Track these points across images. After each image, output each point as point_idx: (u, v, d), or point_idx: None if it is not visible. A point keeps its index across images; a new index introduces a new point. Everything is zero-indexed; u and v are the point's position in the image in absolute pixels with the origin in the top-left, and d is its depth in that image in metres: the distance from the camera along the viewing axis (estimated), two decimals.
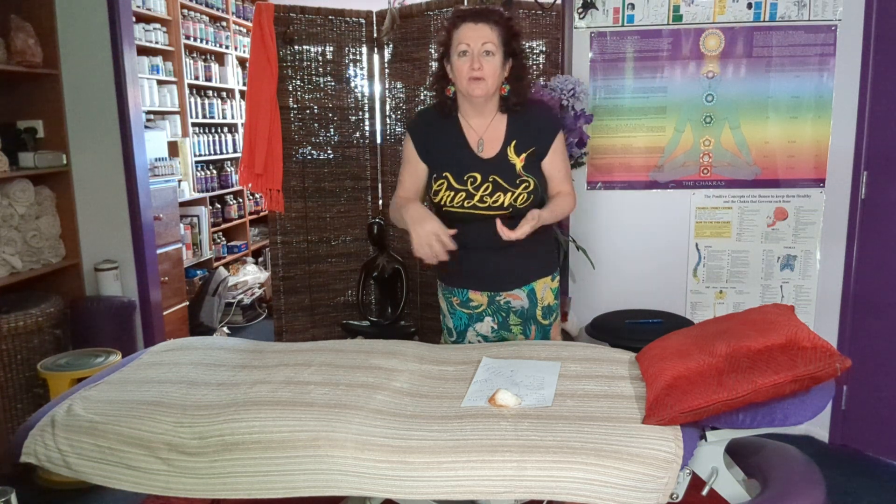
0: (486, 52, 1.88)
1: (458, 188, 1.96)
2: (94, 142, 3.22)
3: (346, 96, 3.47)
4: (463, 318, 2.13)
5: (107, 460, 1.54)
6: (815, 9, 2.77)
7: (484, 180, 1.95)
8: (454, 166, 1.97)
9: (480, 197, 1.96)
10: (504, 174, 1.96)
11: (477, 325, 2.12)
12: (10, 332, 2.75)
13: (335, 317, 3.59)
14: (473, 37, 1.88)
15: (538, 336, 2.14)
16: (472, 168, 1.96)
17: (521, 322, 2.11)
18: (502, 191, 1.95)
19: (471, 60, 1.88)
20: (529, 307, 2.10)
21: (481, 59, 1.87)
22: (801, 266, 2.95)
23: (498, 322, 2.11)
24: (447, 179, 1.97)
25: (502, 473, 1.40)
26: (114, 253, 3.31)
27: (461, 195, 1.96)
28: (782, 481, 1.64)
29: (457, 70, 1.92)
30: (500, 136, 1.99)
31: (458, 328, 2.14)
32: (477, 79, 1.89)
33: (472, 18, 1.89)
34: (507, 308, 2.10)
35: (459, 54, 1.90)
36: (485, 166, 1.97)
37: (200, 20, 5.25)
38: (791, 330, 1.53)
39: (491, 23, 1.89)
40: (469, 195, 1.96)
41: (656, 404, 1.51)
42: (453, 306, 2.14)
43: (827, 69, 2.80)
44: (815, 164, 2.88)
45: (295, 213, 3.44)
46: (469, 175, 1.96)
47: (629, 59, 2.90)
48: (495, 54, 1.89)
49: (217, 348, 2.02)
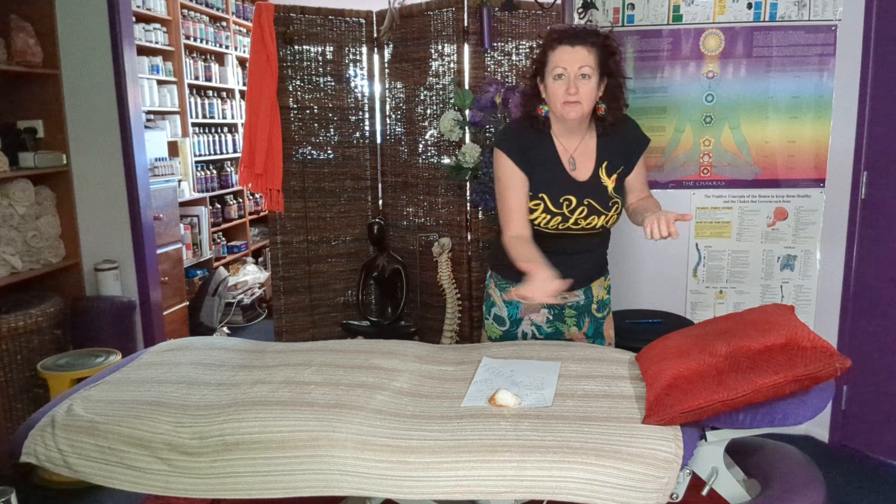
0: (583, 76, 1.83)
1: (555, 212, 1.94)
2: (94, 142, 3.22)
3: (346, 96, 3.47)
4: (519, 307, 2.11)
5: (107, 460, 1.54)
6: (815, 9, 2.77)
7: (579, 203, 1.94)
8: (550, 187, 1.94)
9: (575, 220, 1.95)
10: (598, 197, 1.95)
11: (533, 314, 2.11)
12: (10, 332, 2.75)
13: (335, 317, 3.58)
14: (570, 60, 1.83)
15: (591, 328, 2.14)
16: (568, 191, 1.94)
17: (575, 314, 2.11)
18: (597, 214, 1.96)
19: (567, 84, 1.83)
20: (585, 302, 2.12)
21: (577, 83, 1.83)
22: (801, 266, 2.95)
23: (553, 314, 2.11)
24: (543, 201, 1.94)
25: (502, 473, 1.40)
26: (114, 253, 3.31)
27: (557, 219, 1.95)
28: (782, 481, 1.64)
29: (551, 92, 1.88)
30: (591, 155, 1.98)
31: (513, 317, 2.12)
32: (572, 102, 1.86)
33: (569, 41, 1.84)
34: (564, 302, 2.10)
35: (555, 77, 1.85)
36: (579, 189, 1.95)
37: (200, 20, 5.25)
38: (791, 330, 1.53)
39: (588, 45, 1.84)
40: (565, 218, 1.95)
41: (656, 404, 1.51)
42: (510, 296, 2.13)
43: (827, 69, 2.80)
44: (815, 164, 2.88)
45: (295, 213, 3.44)
46: (565, 198, 1.94)
47: (629, 59, 2.90)
48: (591, 77, 1.84)
49: (217, 348, 2.02)
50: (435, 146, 3.28)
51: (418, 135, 3.33)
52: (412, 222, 3.45)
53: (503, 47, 3.15)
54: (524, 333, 2.12)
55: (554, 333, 2.12)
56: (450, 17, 3.13)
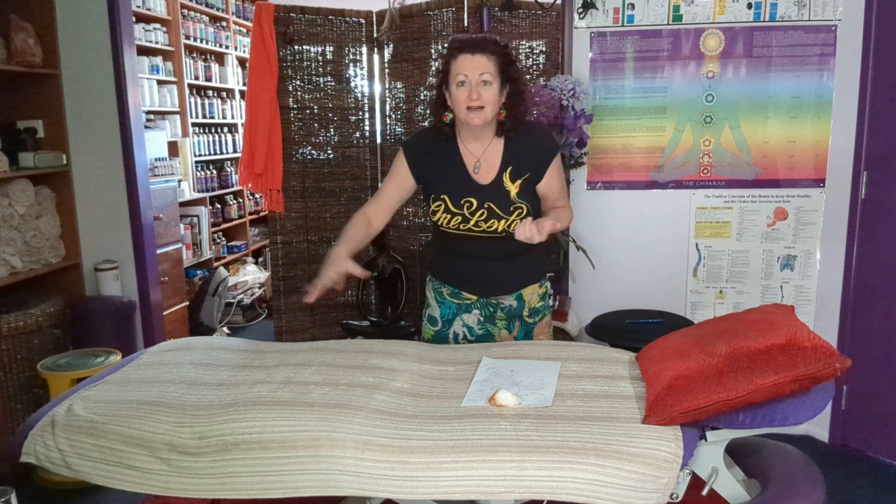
0: (484, 82, 1.91)
1: (455, 212, 2.02)
2: (94, 142, 3.22)
3: (346, 96, 3.47)
4: (452, 308, 2.17)
5: (107, 460, 1.54)
6: (815, 9, 2.77)
7: (479, 206, 2.01)
8: (451, 190, 2.02)
9: (475, 222, 2.02)
10: (499, 201, 2.01)
11: (464, 315, 2.16)
12: (10, 332, 2.75)
13: (335, 317, 3.58)
14: (471, 67, 1.91)
15: (521, 332, 2.19)
16: (468, 193, 2.02)
17: (506, 318, 2.17)
18: (496, 217, 2.01)
19: (469, 90, 1.91)
20: (517, 307, 2.16)
21: (479, 89, 1.91)
22: (801, 266, 2.95)
23: (485, 316, 2.16)
24: (444, 202, 2.03)
25: (502, 473, 1.40)
26: (114, 253, 3.31)
27: (457, 218, 2.03)
28: (782, 481, 1.64)
29: (455, 99, 1.95)
30: (497, 161, 2.03)
31: (446, 317, 2.18)
32: (475, 108, 1.92)
33: (469, 49, 1.92)
34: (496, 305, 2.15)
35: (458, 84, 1.93)
36: (480, 192, 2.01)
37: (200, 20, 5.25)
38: (791, 330, 1.53)
39: (487, 52, 1.92)
40: (465, 219, 2.02)
41: (656, 404, 1.51)
42: (442, 296, 2.18)
43: (827, 69, 2.80)
44: (815, 164, 2.88)
45: (295, 213, 3.44)
46: (465, 200, 2.01)
47: (629, 59, 2.90)
48: (492, 83, 1.92)
49: (217, 348, 2.02)
50: None
51: None
52: (412, 222, 3.45)
53: None
54: (455, 334, 2.18)
55: (485, 335, 2.17)
56: (450, 17, 3.13)
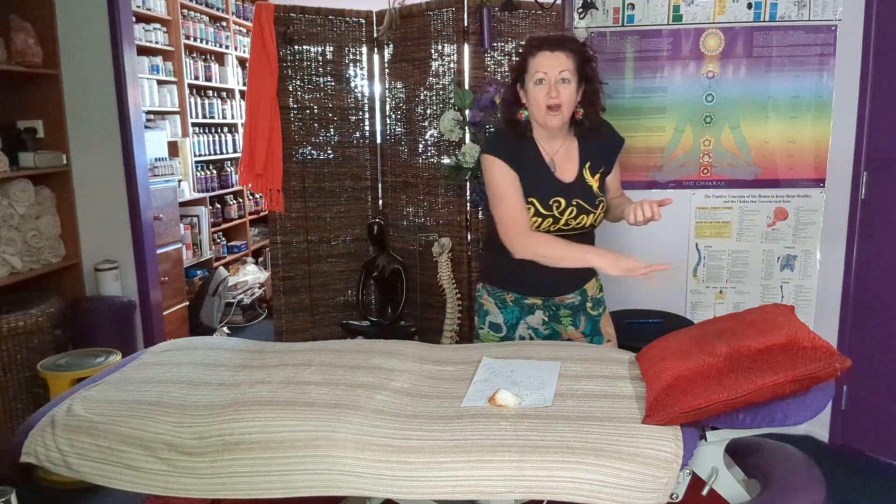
0: (563, 80, 1.90)
1: (545, 214, 1.99)
2: (94, 142, 3.22)
3: (346, 96, 3.47)
4: (515, 312, 2.14)
5: (107, 460, 1.54)
6: (815, 9, 2.77)
7: (568, 204, 1.99)
8: (539, 191, 1.99)
9: (566, 220, 2.00)
10: (585, 197, 2.01)
11: (528, 317, 2.14)
12: (10, 332, 2.75)
13: (335, 317, 3.58)
14: (550, 65, 1.89)
15: (588, 327, 2.16)
16: (556, 193, 1.99)
17: (571, 314, 2.14)
18: (585, 213, 2.01)
19: (548, 88, 1.90)
20: (580, 302, 2.14)
21: (558, 87, 1.90)
22: (801, 266, 2.95)
23: (549, 315, 2.14)
24: (534, 205, 1.99)
25: (502, 473, 1.40)
26: (114, 253, 3.31)
27: (548, 220, 2.00)
28: (782, 481, 1.64)
29: (532, 97, 1.94)
30: (574, 158, 2.03)
31: (509, 322, 2.15)
32: (554, 107, 1.91)
33: (549, 47, 1.91)
34: (559, 304, 2.13)
35: (536, 82, 1.91)
36: (567, 190, 2.00)
37: (200, 20, 5.25)
38: (791, 330, 1.53)
39: (567, 50, 1.91)
40: (555, 220, 2.00)
41: (656, 404, 1.51)
42: (505, 302, 2.14)
43: (827, 69, 2.80)
44: (815, 164, 2.88)
45: (295, 213, 3.44)
46: (554, 200, 1.99)
47: (629, 59, 2.90)
48: (571, 81, 1.91)
49: (217, 348, 2.02)
50: (435, 146, 3.28)
51: (418, 135, 3.33)
52: (412, 222, 3.45)
53: (503, 47, 3.15)
54: (521, 337, 2.15)
55: (551, 335, 2.14)
56: (450, 17, 3.13)
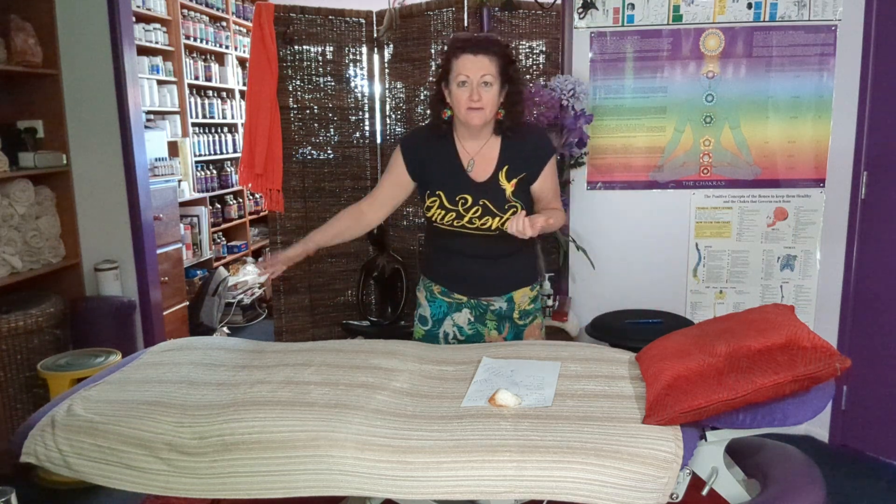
0: (485, 83, 1.92)
1: (450, 208, 2.02)
2: (94, 142, 3.22)
3: (346, 96, 3.47)
4: (443, 307, 2.17)
5: (107, 460, 1.54)
6: (815, 9, 2.77)
7: (474, 203, 2.01)
8: (447, 186, 2.03)
9: (470, 218, 2.02)
10: (494, 199, 2.02)
11: (455, 314, 2.16)
12: (10, 332, 2.75)
13: (335, 317, 3.59)
14: (472, 68, 1.90)
15: (511, 333, 2.19)
16: (464, 190, 2.02)
17: (496, 319, 2.17)
18: (491, 215, 2.02)
19: (470, 91, 1.91)
20: (507, 309, 2.16)
21: (480, 90, 1.91)
22: (801, 266, 2.95)
23: (475, 316, 2.16)
24: (440, 198, 2.03)
25: (502, 473, 1.40)
26: (114, 253, 3.31)
27: (451, 214, 2.03)
28: (782, 481, 1.64)
29: (455, 98, 1.96)
30: (493, 159, 2.04)
31: (436, 316, 2.18)
32: (475, 108, 1.93)
33: (471, 49, 1.92)
34: (486, 306, 2.15)
35: (458, 84, 1.93)
36: (476, 189, 2.02)
37: (200, 20, 5.25)
38: (791, 330, 1.53)
39: (490, 53, 1.92)
40: (459, 215, 2.03)
41: (656, 404, 1.51)
42: (433, 294, 2.18)
43: (827, 69, 2.80)
44: (815, 164, 2.88)
45: (295, 213, 3.44)
46: (460, 196, 2.02)
47: (629, 59, 2.90)
48: (493, 84, 1.93)
49: (217, 348, 2.02)
50: None
51: None
52: (412, 222, 3.45)
53: None
54: (445, 333, 2.18)
55: (475, 335, 2.17)
56: (450, 17, 3.13)
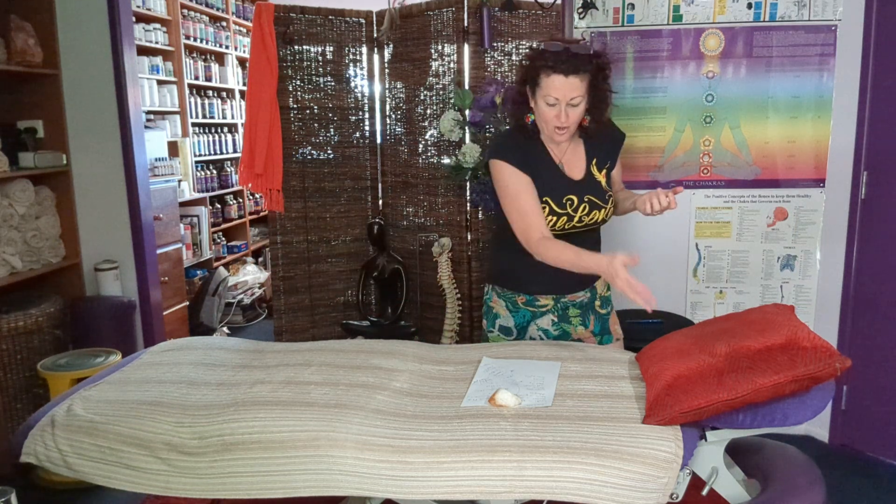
0: (573, 105, 1.88)
1: (560, 213, 2.00)
2: (94, 142, 3.22)
3: (346, 96, 3.47)
4: (527, 316, 2.13)
5: (107, 460, 1.54)
6: (815, 9, 2.77)
7: (580, 201, 2.00)
8: (552, 191, 1.99)
9: (579, 217, 2.01)
10: (596, 193, 2.03)
11: (538, 320, 2.13)
12: (10, 332, 2.75)
13: (335, 317, 3.58)
14: (563, 89, 1.85)
15: (597, 326, 2.16)
16: (568, 191, 2.00)
17: (580, 313, 2.14)
18: (597, 209, 2.02)
19: (558, 111, 1.88)
20: (589, 299, 2.14)
21: (568, 110, 1.88)
22: (801, 266, 2.95)
23: (559, 316, 2.13)
24: (548, 204, 1.98)
25: (502, 473, 1.40)
26: (114, 253, 3.31)
27: (563, 219, 2.00)
28: (782, 481, 1.64)
29: (542, 113, 1.92)
30: (581, 156, 2.05)
31: (520, 325, 2.14)
32: (563, 128, 1.91)
33: (563, 70, 1.84)
34: (568, 303, 2.12)
35: (547, 102, 1.89)
36: (578, 188, 2.01)
37: (200, 20, 5.25)
38: (791, 330, 1.53)
39: (581, 73, 1.86)
40: (570, 217, 2.01)
41: (656, 404, 1.51)
42: (516, 305, 2.13)
43: (827, 69, 2.80)
44: (815, 164, 2.88)
45: (295, 213, 3.44)
46: (567, 198, 2.00)
47: (629, 59, 2.90)
48: (581, 103, 1.89)
49: (217, 348, 2.02)
50: (435, 146, 3.28)
51: (418, 135, 3.33)
52: (412, 222, 3.44)
53: (503, 47, 3.15)
54: (531, 338, 2.14)
55: (561, 335, 2.13)
56: (450, 17, 3.13)
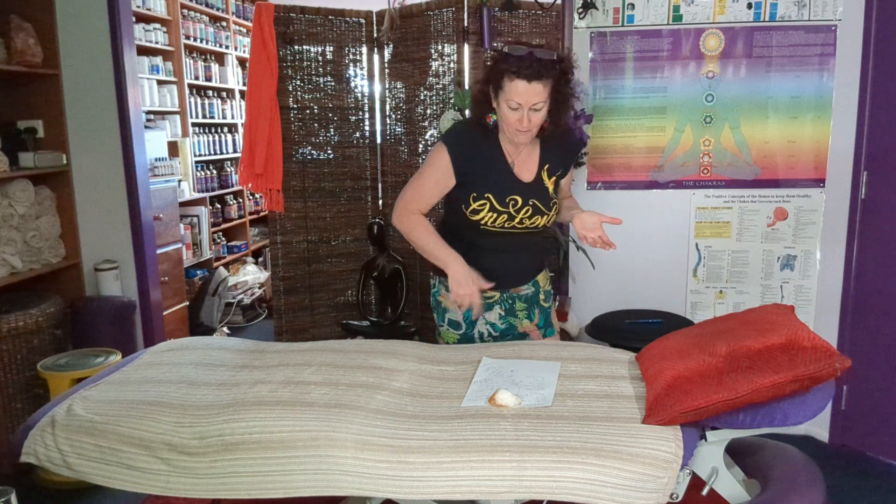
0: (536, 109, 1.89)
1: (501, 210, 2.00)
2: (94, 142, 3.22)
3: (346, 96, 3.47)
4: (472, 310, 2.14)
5: (107, 460, 1.54)
6: (815, 9, 2.77)
7: (524, 203, 2.01)
8: (496, 188, 2.00)
9: (520, 219, 2.02)
10: (541, 198, 2.03)
11: (486, 313, 2.15)
12: (10, 332, 2.75)
13: (335, 317, 3.58)
14: (526, 94, 1.85)
15: (542, 318, 2.19)
16: (513, 192, 2.01)
17: (526, 307, 2.16)
18: (540, 214, 2.03)
19: (520, 116, 1.88)
20: (534, 293, 2.17)
21: (530, 115, 1.89)
22: (801, 266, 2.95)
23: (505, 309, 2.15)
24: (489, 201, 1.99)
25: (502, 473, 1.40)
26: (114, 253, 3.31)
27: (503, 217, 2.01)
28: (782, 481, 1.64)
29: (503, 115, 1.92)
30: (535, 159, 2.05)
31: (469, 318, 2.15)
32: (523, 131, 1.92)
33: (526, 76, 1.84)
34: (515, 296, 2.15)
35: (509, 106, 1.89)
36: (525, 190, 2.02)
37: (200, 20, 5.25)
38: (791, 330, 1.53)
39: (544, 79, 1.85)
40: (510, 217, 2.01)
41: (656, 404, 1.51)
42: None
43: (827, 69, 2.80)
44: (815, 164, 2.88)
45: (295, 213, 3.44)
46: (511, 198, 2.00)
47: (629, 59, 2.90)
48: (543, 107, 1.90)
49: (217, 348, 2.02)
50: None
51: (418, 135, 3.33)
52: None
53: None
54: (480, 333, 2.16)
55: (508, 328, 2.16)
56: (450, 17, 3.13)
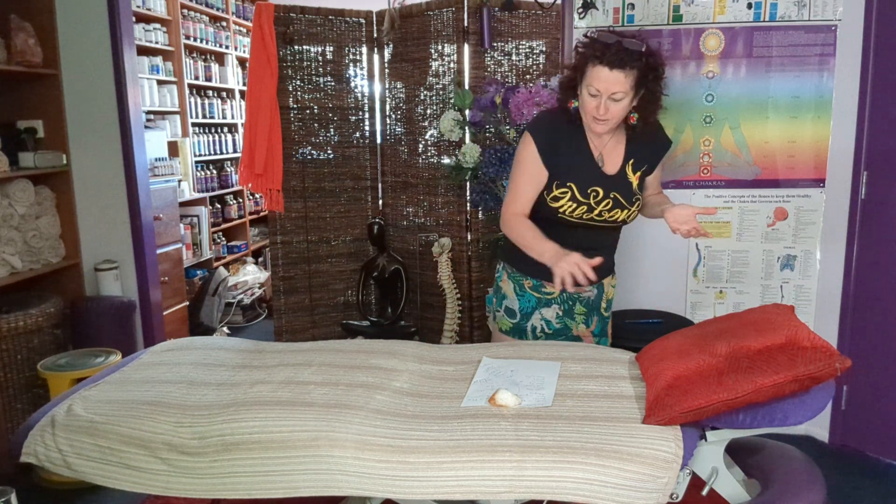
0: (615, 100, 1.85)
1: (581, 201, 1.98)
2: (94, 142, 3.22)
3: (346, 96, 3.47)
4: (532, 301, 2.12)
5: (107, 460, 1.54)
6: (815, 9, 2.77)
7: (605, 196, 1.99)
8: (578, 178, 1.98)
9: (599, 211, 2.00)
10: (623, 192, 2.01)
11: (543, 309, 2.12)
12: (10, 332, 2.75)
13: (335, 317, 3.59)
14: (606, 82, 1.82)
15: (598, 327, 2.17)
16: (596, 182, 1.99)
17: (585, 312, 2.13)
18: (621, 207, 2.01)
19: (598, 103, 1.86)
20: (596, 298, 2.14)
21: (608, 104, 1.85)
22: (801, 266, 2.95)
23: (564, 310, 2.12)
24: (571, 190, 1.97)
25: (502, 473, 1.40)
26: (114, 253, 3.31)
27: (583, 208, 1.99)
28: (782, 481, 1.64)
29: (583, 102, 1.90)
30: (620, 152, 2.02)
31: (525, 310, 2.13)
32: (601, 120, 1.89)
33: (608, 63, 1.81)
34: (576, 298, 2.12)
35: (589, 92, 1.86)
36: (607, 182, 2.00)
37: (200, 20, 5.25)
38: (791, 330, 1.53)
39: (627, 69, 1.82)
40: (590, 209, 1.99)
41: (656, 404, 1.51)
42: (523, 288, 2.12)
43: (827, 69, 2.80)
44: (815, 164, 2.88)
45: (295, 213, 3.45)
46: (592, 189, 1.98)
47: None
48: (624, 98, 1.86)
49: (217, 348, 2.02)
50: (435, 146, 3.28)
51: (418, 135, 3.34)
52: (412, 222, 3.45)
53: (503, 47, 3.15)
54: (533, 327, 2.14)
55: (562, 329, 2.13)
56: (450, 17, 3.13)
